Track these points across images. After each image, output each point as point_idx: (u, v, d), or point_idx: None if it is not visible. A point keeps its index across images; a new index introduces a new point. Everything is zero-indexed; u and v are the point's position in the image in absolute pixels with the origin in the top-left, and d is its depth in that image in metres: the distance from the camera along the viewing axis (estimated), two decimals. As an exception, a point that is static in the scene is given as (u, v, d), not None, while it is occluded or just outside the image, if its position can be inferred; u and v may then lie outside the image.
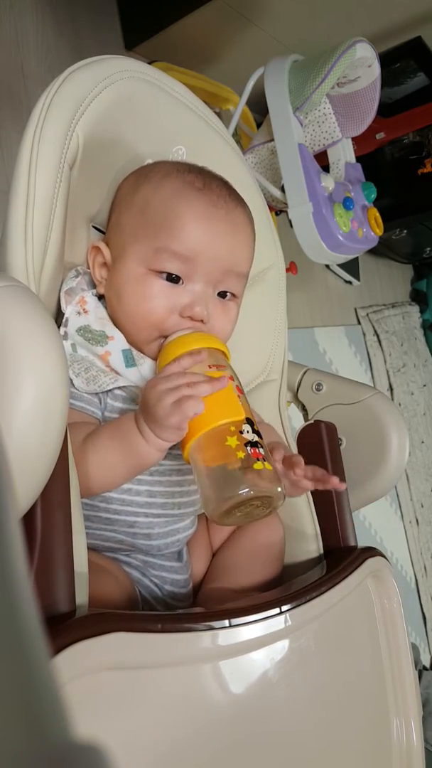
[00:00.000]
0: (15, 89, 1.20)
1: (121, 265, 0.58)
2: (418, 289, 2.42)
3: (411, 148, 1.76)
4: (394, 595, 0.66)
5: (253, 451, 0.50)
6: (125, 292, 0.57)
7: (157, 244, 0.55)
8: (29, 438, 0.41)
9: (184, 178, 0.57)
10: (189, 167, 0.59)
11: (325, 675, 0.57)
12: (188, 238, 0.55)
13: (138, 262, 0.56)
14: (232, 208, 0.58)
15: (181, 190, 0.56)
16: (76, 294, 0.59)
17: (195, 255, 0.55)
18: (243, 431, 0.50)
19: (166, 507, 0.59)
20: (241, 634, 0.49)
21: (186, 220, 0.55)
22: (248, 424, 0.51)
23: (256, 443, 0.50)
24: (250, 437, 0.50)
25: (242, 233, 0.59)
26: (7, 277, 0.48)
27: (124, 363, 0.56)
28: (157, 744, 0.43)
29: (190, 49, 1.43)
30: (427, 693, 1.70)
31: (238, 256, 0.59)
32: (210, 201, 0.56)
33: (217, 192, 0.57)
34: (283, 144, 1.12)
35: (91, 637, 0.40)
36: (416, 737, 0.63)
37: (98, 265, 0.60)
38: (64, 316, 0.57)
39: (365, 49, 1.07)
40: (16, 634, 0.17)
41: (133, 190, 0.59)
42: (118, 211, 0.60)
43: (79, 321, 0.57)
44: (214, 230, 0.56)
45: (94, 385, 0.55)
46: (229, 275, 0.58)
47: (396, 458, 0.72)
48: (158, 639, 0.44)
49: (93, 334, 0.56)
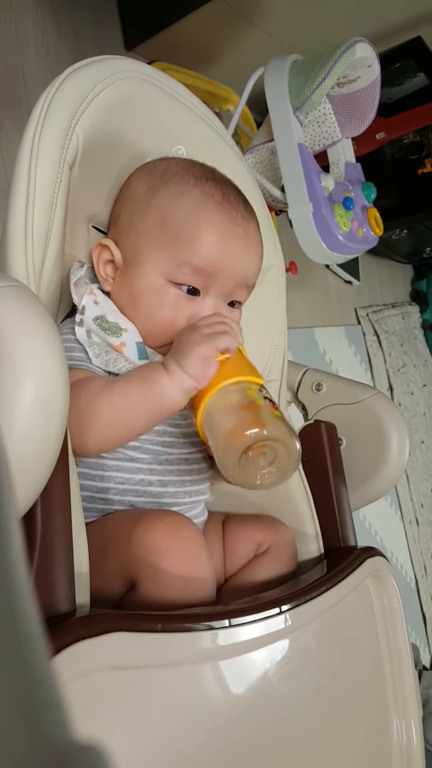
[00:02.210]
0: (15, 89, 1.20)
1: (136, 271, 0.58)
2: (418, 289, 2.42)
3: (411, 148, 1.76)
4: (394, 595, 0.66)
5: (271, 404, 0.51)
6: (143, 301, 0.58)
7: (178, 257, 0.57)
8: (29, 438, 0.41)
9: (203, 188, 0.58)
10: (204, 173, 0.60)
11: (324, 675, 0.57)
12: (209, 254, 0.57)
13: (158, 273, 0.57)
14: (248, 223, 0.60)
15: (201, 204, 0.57)
16: (84, 285, 0.59)
17: (214, 271, 0.57)
18: (263, 390, 0.53)
19: (178, 496, 0.61)
20: (241, 633, 0.49)
21: (208, 237, 0.57)
22: (264, 389, 0.54)
23: (274, 402, 0.52)
24: (269, 396, 0.53)
25: (255, 248, 0.61)
26: (7, 277, 0.48)
27: (138, 355, 0.58)
28: (157, 744, 0.43)
29: (190, 49, 1.43)
30: (427, 693, 1.70)
31: (251, 270, 0.61)
32: (230, 217, 0.58)
33: (236, 206, 0.59)
34: (283, 144, 1.12)
35: (91, 637, 0.40)
36: (416, 737, 0.63)
37: (103, 262, 0.60)
38: (81, 304, 0.58)
39: (365, 49, 1.07)
40: (16, 634, 0.17)
41: (149, 194, 0.59)
42: (130, 212, 0.60)
43: (96, 310, 0.58)
44: (233, 248, 0.58)
45: (113, 367, 0.57)
46: (241, 287, 0.61)
47: (396, 458, 0.72)
48: (158, 639, 0.44)
49: (109, 325, 0.58)
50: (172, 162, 0.61)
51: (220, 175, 0.61)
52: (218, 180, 0.60)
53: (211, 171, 0.61)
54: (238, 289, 0.60)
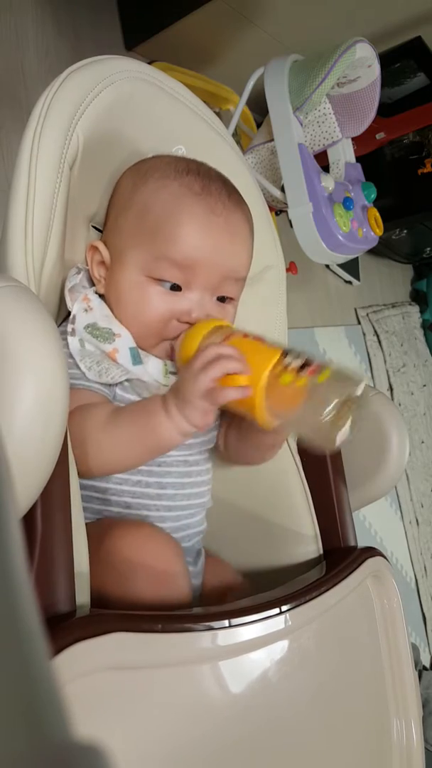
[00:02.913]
0: (15, 89, 1.20)
1: (119, 269, 0.58)
2: (418, 289, 2.42)
3: (411, 148, 1.76)
4: (394, 596, 0.66)
5: (309, 372, 0.50)
6: (124, 299, 0.58)
7: (155, 252, 0.55)
8: (29, 438, 0.41)
9: (182, 180, 0.57)
10: (187, 166, 0.59)
11: (325, 675, 0.57)
12: (187, 247, 0.55)
13: (136, 269, 0.57)
14: (231, 212, 0.58)
15: (179, 196, 0.56)
16: (78, 291, 0.59)
17: (193, 264, 0.56)
18: (287, 364, 0.51)
19: (176, 499, 0.60)
20: (240, 634, 0.49)
21: (185, 230, 0.55)
22: (286, 355, 0.52)
23: (304, 364, 0.51)
24: (296, 363, 0.51)
25: (241, 239, 0.59)
26: (7, 277, 0.48)
27: (131, 360, 0.57)
28: (157, 744, 0.43)
29: (190, 49, 1.43)
30: (427, 693, 1.69)
31: (237, 262, 0.59)
32: (209, 207, 0.56)
33: (216, 196, 0.57)
34: (283, 144, 1.12)
35: (91, 637, 0.40)
36: (416, 737, 0.63)
37: (96, 263, 0.60)
38: (71, 313, 0.57)
39: (365, 49, 1.07)
40: (16, 634, 0.17)
41: (132, 191, 0.59)
42: (116, 211, 0.60)
43: (86, 318, 0.57)
44: (213, 239, 0.56)
45: (106, 377, 0.56)
46: (227, 281, 0.59)
47: (396, 458, 0.72)
48: (158, 639, 0.44)
49: (101, 332, 0.57)
50: (159, 159, 0.60)
51: (207, 169, 0.60)
52: (201, 172, 0.58)
53: (196, 165, 0.59)
54: (225, 283, 0.58)
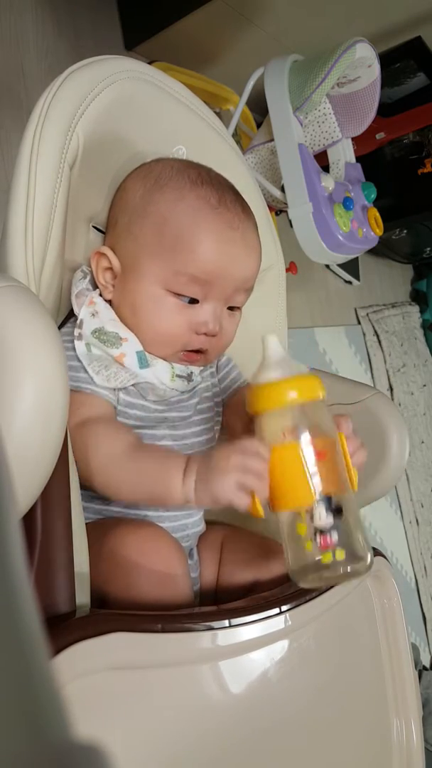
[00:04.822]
0: (15, 89, 1.20)
1: (135, 279, 0.58)
2: (418, 289, 2.42)
3: (411, 148, 1.76)
4: (394, 595, 0.66)
5: (322, 541, 0.48)
6: (143, 310, 0.58)
7: (176, 267, 0.56)
8: (29, 438, 0.41)
9: (198, 192, 0.57)
10: (199, 174, 0.59)
11: (325, 675, 0.57)
12: (207, 263, 0.56)
13: (156, 282, 0.57)
14: (246, 226, 0.59)
15: (197, 209, 0.57)
16: (84, 295, 0.59)
17: (213, 279, 0.57)
18: (315, 516, 0.48)
19: None
20: (240, 634, 0.49)
21: (205, 246, 0.56)
22: (322, 504, 0.48)
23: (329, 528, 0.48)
24: (322, 523, 0.48)
25: (254, 252, 0.61)
26: (7, 277, 0.48)
27: (138, 364, 0.58)
28: (157, 744, 0.43)
29: (190, 49, 1.43)
30: (427, 693, 1.69)
31: (250, 274, 0.61)
32: (226, 221, 0.57)
33: (233, 209, 0.58)
34: (283, 144, 1.12)
35: (91, 637, 0.40)
36: (416, 737, 0.63)
37: (102, 269, 0.60)
38: (79, 318, 0.58)
39: (365, 49, 1.07)
40: (16, 634, 0.17)
41: (146, 199, 0.58)
42: (127, 218, 0.60)
43: (93, 323, 0.58)
44: (231, 253, 0.58)
45: (114, 381, 0.57)
46: (240, 291, 0.60)
47: (396, 458, 0.72)
48: (158, 639, 0.44)
49: (108, 336, 0.57)
50: (167, 164, 0.60)
51: (216, 176, 0.61)
52: (214, 182, 0.59)
53: (206, 172, 0.60)
54: (237, 294, 0.60)
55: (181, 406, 0.63)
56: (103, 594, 0.51)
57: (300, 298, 1.83)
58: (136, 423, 0.60)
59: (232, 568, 0.63)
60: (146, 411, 0.60)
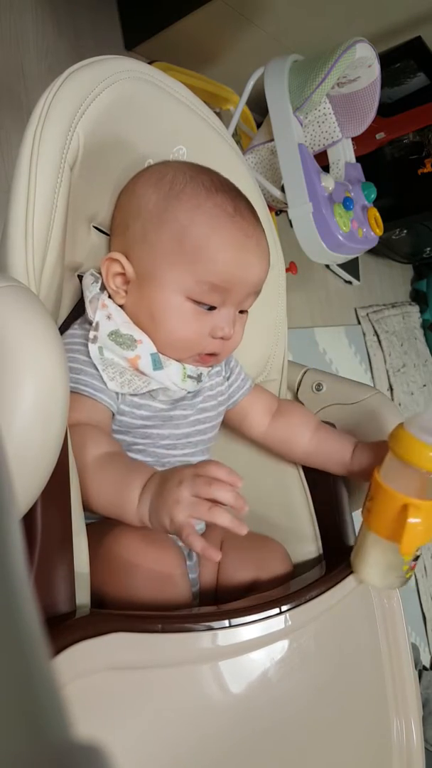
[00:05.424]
0: (15, 89, 1.20)
1: (153, 286, 0.58)
2: (418, 289, 2.42)
3: (411, 148, 1.76)
4: (394, 595, 0.66)
5: (413, 565, 0.59)
6: (163, 317, 0.58)
7: (197, 276, 0.57)
8: (29, 438, 0.41)
9: (215, 200, 0.58)
10: (212, 181, 0.59)
11: (325, 675, 0.57)
12: (227, 272, 0.57)
13: (177, 291, 0.58)
14: (258, 233, 0.60)
15: (214, 217, 0.57)
16: (97, 299, 0.59)
17: (231, 286, 0.58)
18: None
19: None
20: (240, 634, 0.49)
21: (225, 255, 0.57)
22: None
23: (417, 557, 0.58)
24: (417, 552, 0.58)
25: (266, 257, 0.62)
26: (7, 277, 0.48)
27: (152, 366, 0.58)
28: (157, 744, 0.43)
29: (190, 49, 1.43)
30: (427, 693, 1.69)
31: (262, 279, 0.62)
32: (242, 230, 0.58)
33: (247, 218, 0.59)
34: (283, 144, 1.12)
35: (91, 637, 0.40)
36: (416, 737, 0.63)
37: (113, 274, 0.60)
38: (94, 320, 0.58)
39: (365, 49, 1.07)
40: (16, 634, 0.17)
41: (161, 207, 0.58)
42: (141, 225, 0.59)
43: (110, 325, 0.58)
44: (247, 261, 0.59)
45: (128, 388, 0.58)
46: (251, 295, 0.62)
47: (396, 458, 0.72)
48: (158, 639, 0.44)
49: (123, 338, 0.58)
50: (179, 170, 0.60)
51: (226, 182, 0.61)
52: (227, 189, 0.60)
53: (217, 178, 0.61)
54: (248, 297, 0.62)
55: (185, 405, 0.63)
56: (101, 594, 0.50)
57: (300, 298, 1.83)
58: (143, 422, 0.60)
59: (232, 568, 0.63)
60: (153, 411, 0.61)
